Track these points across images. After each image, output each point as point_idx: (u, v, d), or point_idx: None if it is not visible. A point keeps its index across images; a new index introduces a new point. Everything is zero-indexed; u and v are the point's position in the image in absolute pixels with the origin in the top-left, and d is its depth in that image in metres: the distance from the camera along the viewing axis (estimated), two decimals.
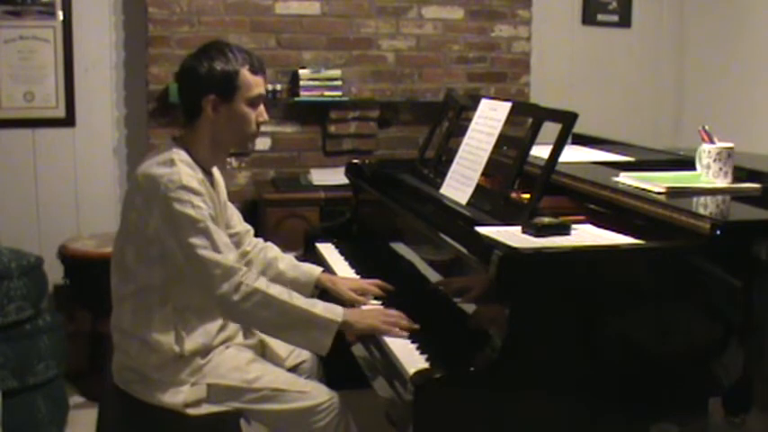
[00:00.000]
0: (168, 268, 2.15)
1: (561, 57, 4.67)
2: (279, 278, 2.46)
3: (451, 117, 2.82)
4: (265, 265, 2.51)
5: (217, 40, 2.29)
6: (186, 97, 2.25)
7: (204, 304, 2.22)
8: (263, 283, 2.13)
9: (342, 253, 2.87)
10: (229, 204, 2.48)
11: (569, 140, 2.36)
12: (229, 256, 2.12)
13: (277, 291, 2.14)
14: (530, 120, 2.34)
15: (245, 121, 2.22)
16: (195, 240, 2.08)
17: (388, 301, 2.35)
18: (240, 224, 2.52)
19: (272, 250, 2.57)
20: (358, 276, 2.59)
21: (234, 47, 2.23)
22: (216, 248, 2.10)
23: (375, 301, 2.37)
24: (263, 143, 4.12)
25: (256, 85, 2.22)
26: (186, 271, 2.13)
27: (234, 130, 2.23)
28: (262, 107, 2.26)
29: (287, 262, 2.55)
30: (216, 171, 2.36)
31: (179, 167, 2.13)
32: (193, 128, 2.23)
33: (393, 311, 2.18)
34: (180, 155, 2.17)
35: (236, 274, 2.10)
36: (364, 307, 2.34)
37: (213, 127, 2.21)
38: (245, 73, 2.19)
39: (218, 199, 2.32)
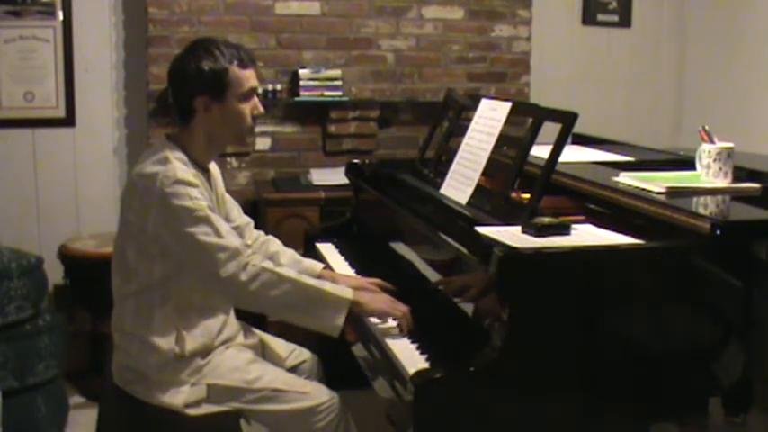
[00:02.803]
0: (169, 265, 2.15)
1: (561, 57, 4.67)
2: None
3: (451, 117, 2.82)
4: (267, 259, 2.50)
5: (203, 39, 2.27)
6: (178, 99, 2.24)
7: (205, 300, 2.22)
8: (269, 263, 2.13)
9: (342, 253, 2.87)
10: (228, 197, 2.47)
11: (569, 140, 2.36)
12: (233, 240, 2.12)
13: (285, 270, 2.14)
14: (530, 120, 2.34)
15: (239, 118, 2.21)
16: (195, 229, 2.08)
17: None
18: (240, 217, 2.51)
19: (274, 244, 2.56)
20: (358, 276, 2.59)
21: (221, 43, 2.21)
22: (218, 234, 2.09)
23: None
24: (263, 143, 4.12)
25: (247, 79, 2.20)
26: (189, 263, 2.13)
27: (229, 127, 2.22)
28: (255, 99, 2.24)
29: (289, 257, 2.53)
30: (212, 165, 2.35)
31: (173, 164, 2.12)
32: (188, 127, 2.23)
33: (402, 305, 2.18)
34: (174, 153, 2.16)
35: (242, 255, 2.09)
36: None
37: (208, 126, 2.21)
38: (234, 70, 2.18)
39: (215, 193, 2.32)
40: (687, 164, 2.42)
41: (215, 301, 2.25)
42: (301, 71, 4.04)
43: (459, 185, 2.42)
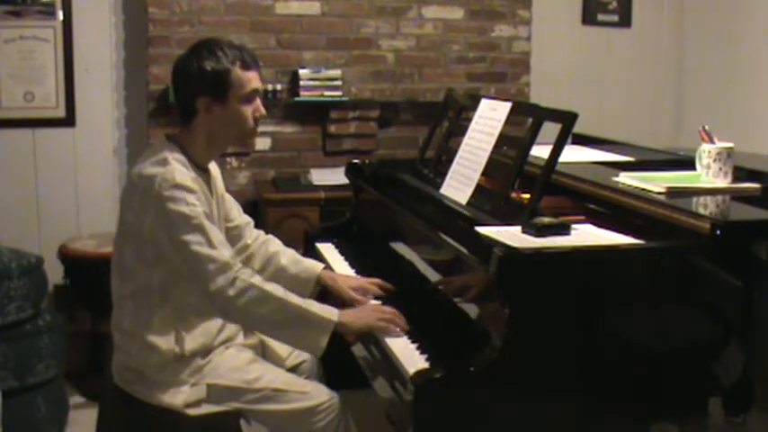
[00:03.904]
0: (166, 270, 2.15)
1: (561, 57, 4.67)
2: (280, 273, 2.46)
3: (451, 117, 2.82)
4: (267, 259, 2.50)
5: (207, 39, 2.26)
6: (180, 98, 2.24)
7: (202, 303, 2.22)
8: (258, 279, 2.13)
9: (342, 253, 2.87)
10: (228, 196, 2.47)
11: (569, 140, 2.36)
12: (224, 252, 2.12)
13: (272, 287, 2.14)
14: (530, 120, 2.34)
15: (241, 119, 2.21)
16: (189, 237, 2.08)
17: (388, 300, 2.35)
18: (240, 216, 2.51)
19: (274, 244, 2.56)
20: (358, 276, 2.59)
21: (225, 44, 2.20)
22: (210, 244, 2.09)
23: (375, 301, 2.36)
24: (263, 143, 4.12)
25: (249, 81, 2.20)
26: (181, 269, 2.13)
27: (231, 128, 2.22)
28: (258, 102, 2.24)
29: (289, 257, 2.53)
30: (212, 165, 2.35)
31: (172, 166, 2.12)
32: (189, 128, 2.22)
33: (388, 308, 2.18)
34: (173, 154, 2.16)
35: (231, 269, 2.09)
36: (369, 298, 2.34)
37: (209, 127, 2.21)
38: (236, 71, 2.17)
39: (215, 194, 2.32)
40: (687, 164, 2.42)
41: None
42: (301, 71, 4.04)
43: (459, 185, 2.42)
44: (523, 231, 2.00)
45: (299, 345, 2.20)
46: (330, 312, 2.15)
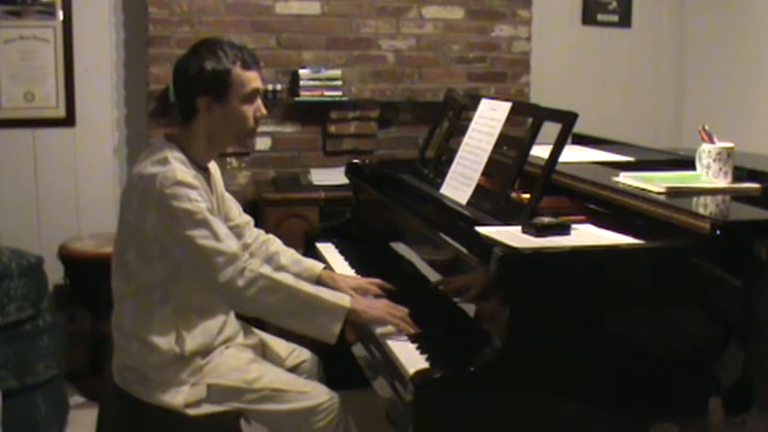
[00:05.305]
0: (168, 267, 2.15)
1: (561, 57, 4.66)
2: None
3: (451, 117, 2.82)
4: (267, 258, 2.50)
5: (208, 39, 2.27)
6: (180, 98, 2.25)
7: (205, 301, 2.22)
8: (267, 269, 2.13)
9: (342, 253, 2.87)
10: (228, 196, 2.47)
11: (569, 140, 2.36)
12: (231, 244, 2.12)
13: (282, 276, 2.14)
14: (530, 120, 2.34)
15: (241, 119, 2.21)
16: (194, 232, 2.08)
17: (388, 300, 2.34)
18: (240, 216, 2.51)
19: (274, 244, 2.56)
20: (358, 276, 2.59)
21: (225, 44, 2.21)
22: (216, 238, 2.09)
23: None
24: (263, 143, 4.12)
25: (249, 80, 2.20)
26: (187, 265, 2.13)
27: (231, 128, 2.22)
28: (259, 101, 2.24)
29: (288, 256, 2.53)
30: (212, 165, 2.35)
31: (173, 165, 2.12)
32: (190, 127, 2.22)
33: (400, 307, 2.17)
34: (173, 153, 2.16)
35: (240, 260, 2.10)
36: (371, 298, 2.33)
37: (209, 126, 2.21)
38: (236, 70, 2.17)
39: (215, 193, 2.32)
40: (687, 164, 2.42)
41: (215, 301, 2.25)
42: (301, 71, 4.04)
43: (459, 185, 2.42)
44: (523, 231, 2.00)
45: (311, 332, 2.17)
46: (342, 299, 2.15)
